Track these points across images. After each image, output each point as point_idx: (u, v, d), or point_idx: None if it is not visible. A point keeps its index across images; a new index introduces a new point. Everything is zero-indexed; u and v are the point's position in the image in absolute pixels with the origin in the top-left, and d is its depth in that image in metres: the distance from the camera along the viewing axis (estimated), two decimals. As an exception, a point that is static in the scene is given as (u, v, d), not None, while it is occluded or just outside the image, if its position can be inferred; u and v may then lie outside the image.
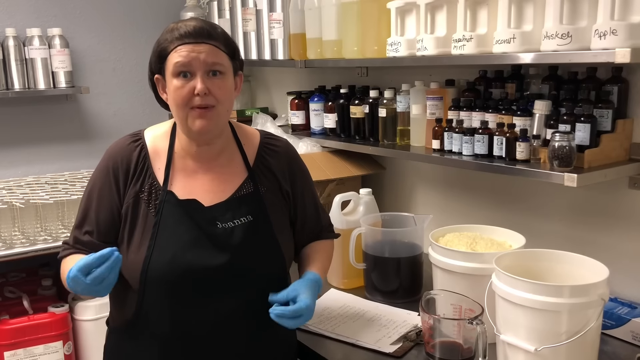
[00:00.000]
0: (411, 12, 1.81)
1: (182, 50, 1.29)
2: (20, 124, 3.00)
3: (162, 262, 1.31)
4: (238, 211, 1.37)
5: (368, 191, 1.95)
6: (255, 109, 2.88)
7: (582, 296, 1.22)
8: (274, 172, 1.45)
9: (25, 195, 2.53)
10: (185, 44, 1.30)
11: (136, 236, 1.35)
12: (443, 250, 1.53)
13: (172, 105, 1.34)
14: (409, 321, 1.63)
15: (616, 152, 1.54)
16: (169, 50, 1.31)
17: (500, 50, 1.54)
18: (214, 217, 1.35)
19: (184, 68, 1.29)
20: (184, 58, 1.29)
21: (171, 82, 1.32)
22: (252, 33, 2.60)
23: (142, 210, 1.35)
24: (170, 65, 1.31)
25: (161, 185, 1.37)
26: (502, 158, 1.65)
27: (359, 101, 2.17)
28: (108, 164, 1.39)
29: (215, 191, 1.39)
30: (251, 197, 1.40)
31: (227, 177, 1.41)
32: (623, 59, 1.26)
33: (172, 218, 1.34)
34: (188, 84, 1.30)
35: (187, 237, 1.33)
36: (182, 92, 1.30)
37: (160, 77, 1.36)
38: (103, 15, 3.13)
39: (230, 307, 1.34)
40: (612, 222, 1.67)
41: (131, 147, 1.40)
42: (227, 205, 1.37)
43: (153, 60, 1.37)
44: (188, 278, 1.32)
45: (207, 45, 1.30)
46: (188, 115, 1.32)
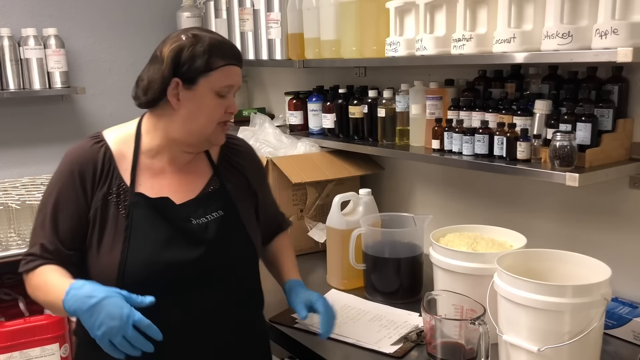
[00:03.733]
0: (410, 11, 1.81)
1: (230, 71, 1.34)
2: (16, 124, 2.98)
3: (139, 264, 1.30)
4: (209, 207, 1.41)
5: (367, 191, 1.94)
6: (252, 110, 2.87)
7: (585, 296, 1.22)
8: (240, 169, 1.51)
9: (20, 196, 2.51)
10: (232, 65, 1.35)
11: (106, 239, 1.32)
12: (444, 251, 1.53)
13: (199, 117, 1.34)
14: (410, 322, 1.63)
15: (617, 152, 1.54)
16: (217, 65, 1.32)
17: (501, 50, 1.54)
18: (187, 214, 1.38)
19: (229, 90, 1.35)
20: (232, 81, 1.35)
21: (209, 98, 1.33)
22: (249, 33, 2.59)
23: (112, 212, 1.33)
24: (215, 82, 1.32)
25: (128, 186, 1.35)
26: (502, 158, 1.65)
27: (357, 101, 2.17)
28: (72, 167, 1.35)
29: (183, 190, 1.41)
30: (219, 193, 1.44)
31: (193, 176, 1.44)
32: (625, 58, 1.26)
33: (144, 218, 1.34)
34: (224, 102, 1.35)
35: (162, 236, 1.34)
36: (220, 110, 1.35)
37: (179, 81, 1.31)
38: (99, 15, 3.11)
39: (209, 301, 1.37)
40: (612, 221, 1.67)
41: (95, 149, 1.36)
42: (197, 202, 1.40)
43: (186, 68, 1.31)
44: (167, 276, 1.32)
45: (240, 69, 1.38)
46: (216, 130, 1.37)
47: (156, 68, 1.33)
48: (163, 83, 1.32)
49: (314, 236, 2.20)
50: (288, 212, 2.21)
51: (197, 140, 1.38)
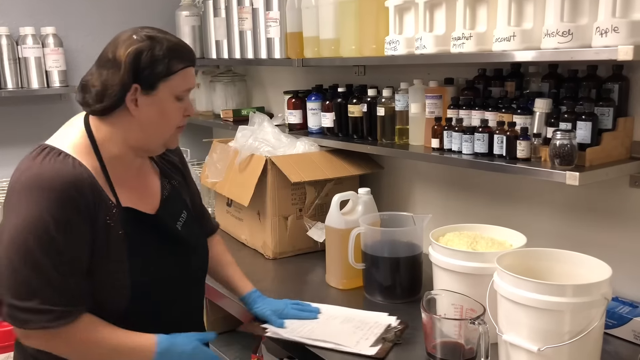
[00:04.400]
0: (410, 10, 1.80)
1: (188, 73, 1.31)
2: (14, 123, 2.97)
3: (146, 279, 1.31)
4: (175, 210, 1.45)
5: (367, 191, 1.93)
6: (251, 109, 2.86)
7: (585, 295, 1.21)
8: (176, 164, 1.54)
9: (19, 195, 2.50)
10: (191, 66, 1.32)
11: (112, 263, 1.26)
12: (444, 250, 1.52)
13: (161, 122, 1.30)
14: (380, 322, 1.61)
15: (617, 151, 1.53)
16: (176, 69, 1.28)
17: (500, 49, 1.53)
18: (169, 221, 1.41)
19: (188, 93, 1.34)
20: (191, 84, 1.33)
21: (169, 102, 1.30)
22: (248, 32, 2.59)
23: (112, 235, 1.26)
24: (175, 85, 1.29)
25: (115, 203, 1.29)
26: (502, 157, 1.64)
27: (356, 100, 2.16)
28: (70, 193, 1.18)
29: (150, 196, 1.41)
30: (174, 194, 1.47)
31: (148, 180, 1.43)
32: (626, 56, 1.25)
33: (139, 233, 1.32)
34: (182, 105, 1.33)
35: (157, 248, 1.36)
36: (179, 114, 1.33)
37: (138, 86, 1.26)
38: (97, 14, 3.11)
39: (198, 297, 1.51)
40: (613, 220, 1.66)
41: (78, 169, 1.23)
42: (167, 208, 1.42)
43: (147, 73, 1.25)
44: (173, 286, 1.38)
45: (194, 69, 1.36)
46: (173, 135, 1.35)
47: (111, 73, 1.25)
48: (122, 89, 1.25)
49: (313, 236, 2.19)
50: (287, 211, 2.21)
51: (156, 145, 1.36)
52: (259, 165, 2.17)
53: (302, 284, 1.97)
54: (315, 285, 1.98)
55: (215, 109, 3.10)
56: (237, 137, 2.43)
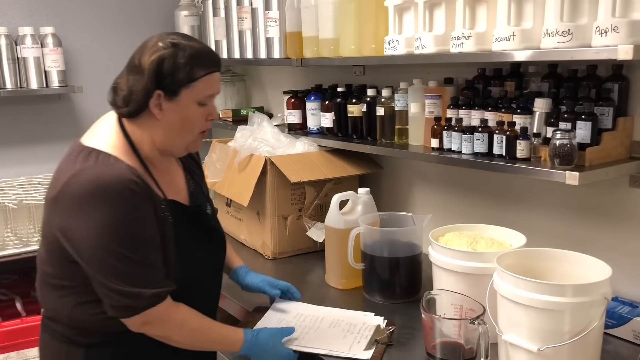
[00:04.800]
0: (409, 9, 1.80)
1: (211, 79, 1.34)
2: (13, 123, 2.97)
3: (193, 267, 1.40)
4: (202, 202, 1.53)
5: (366, 190, 1.93)
6: (250, 109, 2.86)
7: (585, 295, 1.21)
8: (195, 159, 1.62)
9: (17, 195, 2.50)
10: (214, 72, 1.35)
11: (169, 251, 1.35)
12: (443, 250, 1.52)
13: (182, 127, 1.34)
14: (368, 323, 1.60)
15: (617, 150, 1.53)
16: (198, 76, 1.31)
17: (500, 48, 1.53)
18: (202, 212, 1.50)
19: (211, 99, 1.36)
20: (214, 89, 1.36)
21: (191, 107, 1.33)
22: (247, 32, 2.58)
23: (167, 227, 1.35)
24: (198, 91, 1.32)
25: (163, 197, 1.37)
26: (502, 156, 1.64)
27: (356, 100, 2.16)
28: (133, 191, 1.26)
29: (180, 190, 1.48)
30: (197, 188, 1.54)
31: (176, 177, 1.50)
32: (626, 55, 1.25)
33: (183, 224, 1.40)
34: (205, 110, 1.36)
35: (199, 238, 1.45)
36: (202, 119, 1.36)
37: (162, 93, 1.30)
38: (96, 14, 3.10)
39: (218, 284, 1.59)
40: (612, 220, 1.66)
41: (130, 169, 1.29)
42: (195, 199, 1.50)
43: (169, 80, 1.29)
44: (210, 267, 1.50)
45: (219, 75, 1.38)
46: (195, 139, 1.39)
47: (137, 79, 1.30)
48: (146, 95, 1.30)
49: (312, 236, 2.19)
50: (286, 211, 2.21)
51: (178, 148, 1.40)
52: (259, 165, 2.17)
53: (301, 284, 1.97)
54: (314, 285, 1.97)
55: (214, 109, 3.09)
56: (237, 137, 2.42)
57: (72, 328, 1.36)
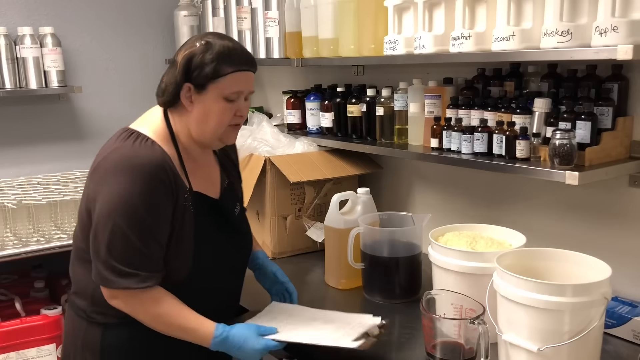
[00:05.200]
0: (409, 9, 1.80)
1: (239, 76, 1.40)
2: (12, 123, 2.96)
3: (209, 259, 1.44)
4: (231, 202, 1.56)
5: (366, 190, 1.93)
6: (250, 108, 2.85)
7: (585, 295, 1.21)
8: (234, 162, 1.67)
9: (17, 195, 2.49)
10: (242, 70, 1.40)
11: (184, 241, 1.40)
12: (443, 250, 1.52)
13: (212, 120, 1.40)
14: (363, 322, 1.50)
15: (617, 150, 1.53)
16: (225, 72, 1.37)
17: (500, 48, 1.53)
18: (229, 208, 1.53)
19: (238, 95, 1.41)
20: (241, 87, 1.41)
21: (218, 102, 1.39)
22: (247, 32, 2.58)
23: (187, 215, 1.41)
24: (224, 88, 1.38)
25: (188, 187, 1.43)
26: (501, 156, 1.64)
27: (355, 100, 2.16)
28: (158, 174, 1.34)
29: (213, 185, 1.53)
30: (230, 188, 1.59)
31: (212, 172, 1.56)
32: (625, 55, 1.25)
33: (205, 216, 1.45)
34: (233, 106, 1.41)
35: (220, 232, 1.49)
36: (229, 114, 1.41)
37: (191, 86, 1.38)
38: (96, 14, 3.10)
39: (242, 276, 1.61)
40: (612, 220, 1.66)
41: (162, 154, 1.38)
42: (225, 197, 1.54)
43: (197, 74, 1.37)
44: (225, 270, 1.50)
45: (252, 74, 1.45)
46: (226, 131, 1.44)
47: (171, 72, 1.41)
48: (176, 87, 1.40)
49: (312, 235, 2.19)
50: (286, 211, 2.21)
51: (210, 139, 1.45)
52: (258, 165, 2.17)
53: (301, 284, 1.97)
54: (314, 285, 1.97)
55: (213, 108, 3.09)
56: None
57: (93, 305, 1.43)
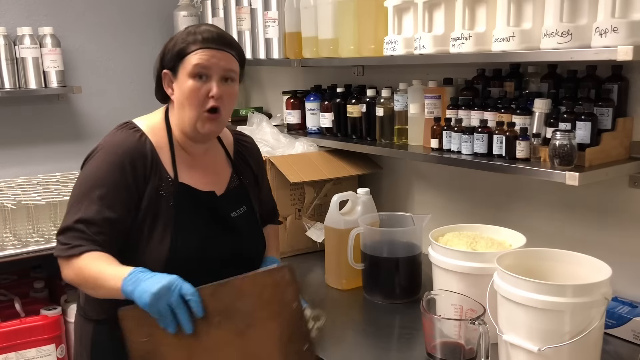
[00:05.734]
0: (409, 10, 1.80)
1: (203, 53, 1.37)
2: (11, 124, 2.96)
3: (187, 253, 1.39)
4: (236, 202, 1.52)
5: (366, 191, 1.93)
6: (249, 109, 2.86)
7: (585, 295, 1.22)
8: (251, 165, 1.61)
9: (16, 196, 2.49)
10: (208, 48, 1.37)
11: (158, 230, 1.38)
12: (443, 250, 1.52)
13: (184, 103, 1.39)
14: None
15: (617, 151, 1.53)
16: (190, 50, 1.37)
17: (500, 49, 1.53)
18: (226, 207, 1.49)
19: (203, 70, 1.37)
20: (204, 61, 1.36)
21: (186, 82, 1.37)
22: (246, 32, 2.58)
23: (163, 204, 1.39)
24: (188, 65, 1.37)
25: (172, 178, 1.41)
26: (502, 157, 1.64)
27: (355, 100, 2.16)
28: (123, 160, 1.36)
29: (213, 183, 1.50)
30: (240, 189, 1.55)
31: (217, 170, 1.53)
32: (625, 56, 1.25)
33: (189, 208, 1.42)
34: (204, 85, 1.37)
35: (206, 227, 1.44)
36: (198, 94, 1.37)
37: (169, 72, 1.41)
38: (95, 14, 3.10)
39: None
40: (612, 220, 1.66)
41: (142, 142, 1.40)
42: (228, 197, 1.51)
43: (168, 57, 1.40)
44: (208, 265, 1.41)
45: (225, 53, 1.39)
46: (199, 117, 1.39)
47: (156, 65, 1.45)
48: (157, 76, 1.44)
49: (312, 236, 2.19)
50: (286, 211, 2.21)
51: (190, 129, 1.41)
52: (258, 165, 2.17)
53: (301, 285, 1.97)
54: (314, 285, 1.97)
55: (213, 109, 3.09)
56: (236, 138, 2.42)
57: (86, 302, 1.47)
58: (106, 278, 1.28)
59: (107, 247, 1.34)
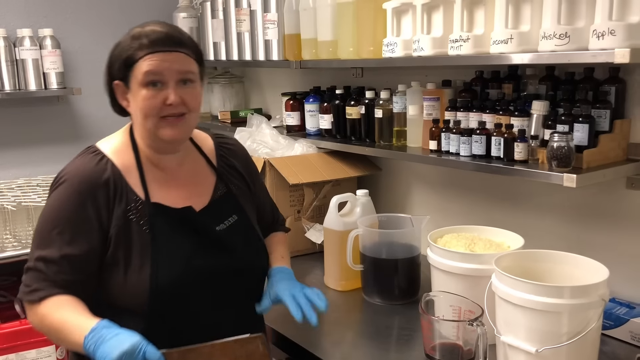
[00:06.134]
0: (407, 12, 1.81)
1: (153, 58, 1.24)
2: (11, 125, 2.97)
3: (171, 274, 1.28)
4: (223, 213, 1.40)
5: (365, 192, 1.94)
6: (249, 110, 2.86)
7: (583, 297, 1.22)
8: (238, 169, 1.49)
9: (16, 197, 2.50)
10: (157, 52, 1.25)
11: (134, 257, 1.27)
12: (442, 252, 1.52)
13: (139, 114, 1.28)
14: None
15: (614, 152, 1.54)
16: (137, 57, 1.25)
17: (498, 51, 1.54)
18: (210, 221, 1.37)
19: (155, 77, 1.25)
20: (155, 67, 1.24)
21: (139, 92, 1.26)
22: (246, 34, 2.59)
23: (135, 229, 1.28)
24: (138, 73, 1.25)
25: (143, 199, 1.30)
26: (500, 159, 1.64)
27: (354, 102, 2.16)
28: (80, 189, 1.26)
29: (194, 196, 1.38)
30: (228, 197, 1.43)
31: (198, 181, 1.41)
32: (622, 59, 1.26)
33: (167, 229, 1.31)
34: (159, 93, 1.26)
35: (188, 246, 1.32)
36: (153, 103, 1.26)
37: (120, 83, 1.29)
38: (95, 16, 3.10)
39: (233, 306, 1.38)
40: (609, 222, 1.67)
41: (101, 166, 1.29)
42: (213, 208, 1.39)
43: (116, 67, 1.29)
44: (198, 285, 1.31)
45: (178, 54, 1.27)
46: (157, 125, 1.28)
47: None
48: (109, 89, 1.33)
49: (311, 237, 2.20)
50: (285, 213, 2.21)
51: (152, 140, 1.32)
52: (258, 167, 2.16)
53: (300, 286, 1.97)
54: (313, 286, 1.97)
55: (213, 110, 3.10)
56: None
57: None
58: (69, 330, 1.19)
59: (72, 287, 1.24)
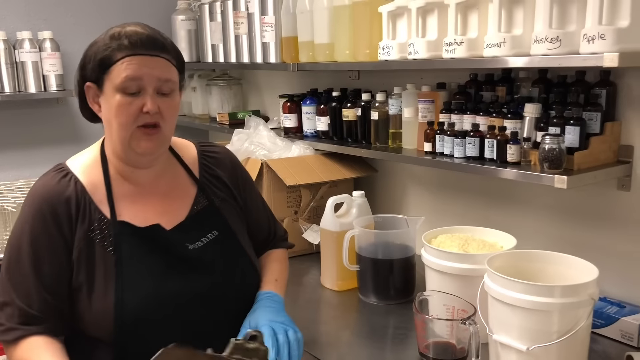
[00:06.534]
0: (402, 16, 1.83)
1: (132, 61, 1.15)
2: (11, 127, 2.99)
3: (138, 300, 1.18)
4: (202, 228, 1.29)
5: (361, 193, 1.96)
6: (247, 112, 2.88)
7: (573, 296, 1.24)
8: (223, 180, 1.38)
9: (16, 199, 2.51)
10: (137, 55, 1.16)
11: (98, 281, 1.19)
12: (435, 252, 1.55)
13: (113, 122, 1.18)
14: None
15: (605, 154, 1.56)
16: (115, 59, 1.15)
17: (491, 54, 1.56)
18: (181, 239, 1.26)
19: (133, 83, 1.15)
20: (134, 71, 1.15)
21: (114, 97, 1.16)
22: (243, 36, 2.61)
23: (98, 250, 1.20)
24: (115, 77, 1.15)
25: (109, 218, 1.21)
26: (493, 160, 1.67)
27: (351, 104, 2.19)
28: (41, 208, 1.18)
29: (169, 212, 1.28)
30: (209, 211, 1.32)
31: (176, 194, 1.31)
32: (611, 63, 1.28)
33: (134, 250, 1.21)
34: (135, 100, 1.16)
35: (157, 267, 1.22)
36: (129, 110, 1.16)
37: (92, 85, 1.20)
38: (94, 19, 3.12)
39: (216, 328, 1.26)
40: (601, 223, 1.69)
41: (63, 184, 1.21)
42: (188, 224, 1.28)
43: (89, 67, 1.19)
44: (169, 310, 1.21)
45: (159, 59, 1.18)
46: (132, 136, 1.18)
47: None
48: (80, 91, 1.23)
49: (308, 238, 2.22)
50: (282, 214, 2.24)
51: (124, 151, 1.21)
52: (255, 168, 2.20)
53: (297, 286, 2.00)
54: (310, 287, 2.00)
55: (211, 112, 3.13)
56: (233, 141, 2.45)
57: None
58: None
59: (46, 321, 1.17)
